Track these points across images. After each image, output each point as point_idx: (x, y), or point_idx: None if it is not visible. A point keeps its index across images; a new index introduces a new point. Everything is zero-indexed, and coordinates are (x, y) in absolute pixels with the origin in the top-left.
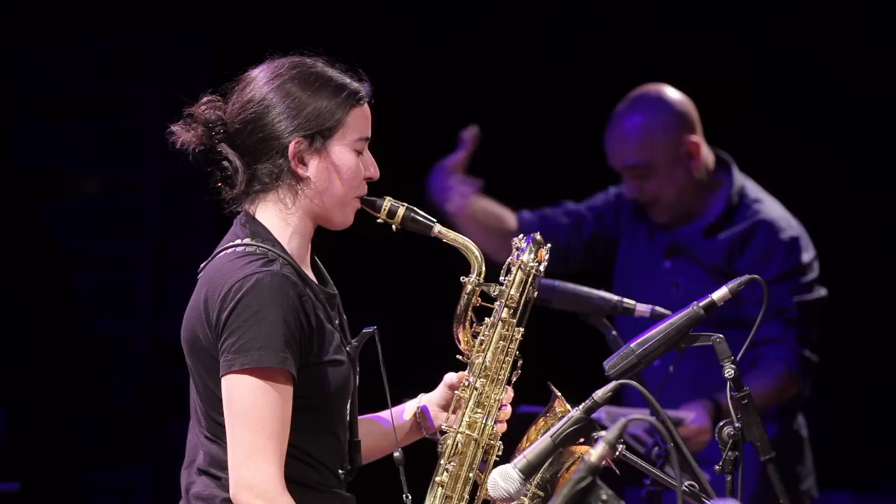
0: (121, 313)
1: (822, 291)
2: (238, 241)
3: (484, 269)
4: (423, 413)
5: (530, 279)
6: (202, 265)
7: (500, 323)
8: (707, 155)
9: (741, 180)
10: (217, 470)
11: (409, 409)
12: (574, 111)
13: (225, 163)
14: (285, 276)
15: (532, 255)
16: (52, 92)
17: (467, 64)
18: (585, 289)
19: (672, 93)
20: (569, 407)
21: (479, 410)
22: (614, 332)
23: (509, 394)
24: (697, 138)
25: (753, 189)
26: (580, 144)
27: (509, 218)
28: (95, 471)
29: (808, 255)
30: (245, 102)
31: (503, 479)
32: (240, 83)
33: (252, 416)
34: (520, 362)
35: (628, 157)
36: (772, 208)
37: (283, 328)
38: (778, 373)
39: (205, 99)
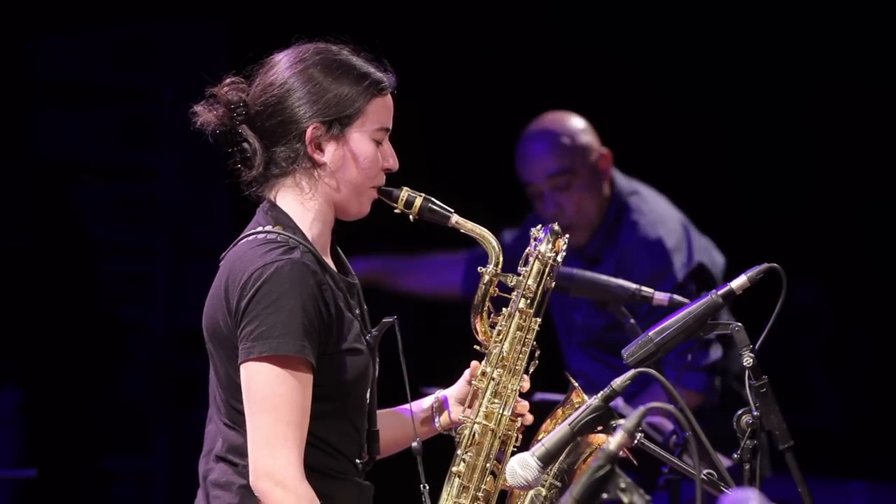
0: (138, 301)
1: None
2: (259, 229)
3: (502, 259)
4: (441, 404)
5: (548, 269)
6: (223, 253)
7: (517, 313)
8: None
9: (623, 195)
10: (235, 457)
11: (428, 402)
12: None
13: (245, 145)
14: (305, 265)
15: (549, 246)
16: (68, 80)
17: (489, 56)
18: (604, 277)
19: (574, 116)
20: (586, 398)
21: (496, 400)
22: (632, 321)
23: (525, 384)
24: (607, 152)
25: (635, 205)
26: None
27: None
28: (112, 458)
29: (677, 273)
30: (267, 85)
31: (521, 467)
32: (263, 66)
33: (271, 403)
34: (537, 352)
35: (550, 166)
36: (648, 228)
37: (302, 316)
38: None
39: (228, 80)
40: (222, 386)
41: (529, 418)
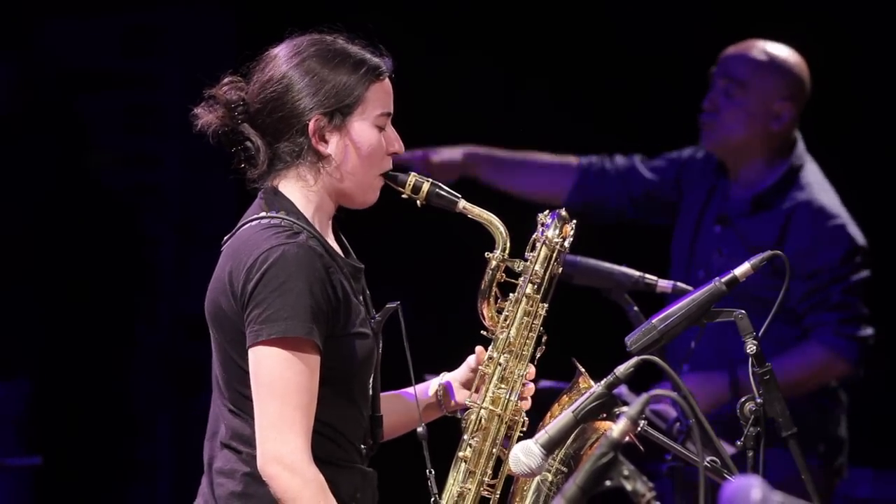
0: (144, 289)
1: (864, 273)
2: (263, 214)
3: (508, 244)
4: (445, 389)
5: (555, 255)
6: (225, 238)
7: (524, 298)
8: (789, 133)
9: (801, 160)
10: (239, 444)
11: (432, 386)
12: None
13: (248, 143)
14: (311, 248)
15: (557, 231)
16: (75, 67)
17: (495, 40)
18: (607, 264)
19: (801, 60)
20: (592, 383)
21: (503, 386)
22: (636, 308)
23: (531, 370)
24: (793, 110)
25: (810, 171)
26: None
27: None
28: (117, 446)
29: (853, 243)
30: (265, 81)
31: (525, 454)
32: (260, 62)
33: (279, 387)
34: (544, 338)
35: (734, 69)
36: (820, 194)
37: (310, 299)
38: (814, 356)
39: (226, 80)
40: (226, 371)
41: (527, 404)
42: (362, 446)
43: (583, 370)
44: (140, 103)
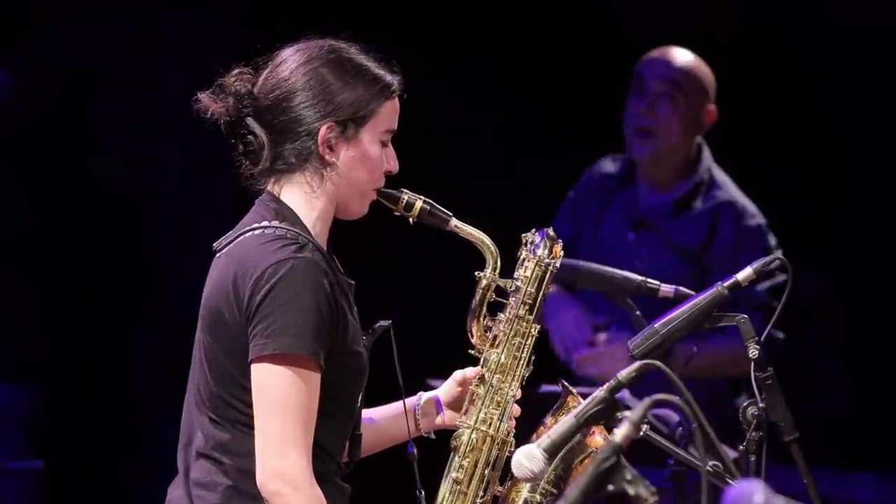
0: (146, 291)
1: (781, 277)
2: (266, 224)
3: (499, 264)
4: (434, 406)
5: (546, 275)
6: (220, 242)
7: (515, 319)
8: (700, 137)
9: (710, 162)
10: (221, 454)
11: (421, 402)
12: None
13: (250, 137)
14: (317, 264)
15: (547, 251)
16: (77, 69)
17: (489, 57)
18: (609, 269)
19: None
20: (582, 401)
21: (494, 407)
22: (638, 313)
23: (519, 392)
24: (715, 112)
25: (719, 173)
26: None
27: None
28: (120, 448)
29: (772, 241)
30: (278, 80)
31: (527, 458)
32: (274, 59)
33: (283, 403)
34: (532, 358)
35: (672, 72)
36: (737, 192)
37: (316, 316)
38: (737, 344)
39: (235, 70)
40: (214, 378)
41: (513, 423)
42: (342, 462)
43: (572, 389)
44: (142, 105)
